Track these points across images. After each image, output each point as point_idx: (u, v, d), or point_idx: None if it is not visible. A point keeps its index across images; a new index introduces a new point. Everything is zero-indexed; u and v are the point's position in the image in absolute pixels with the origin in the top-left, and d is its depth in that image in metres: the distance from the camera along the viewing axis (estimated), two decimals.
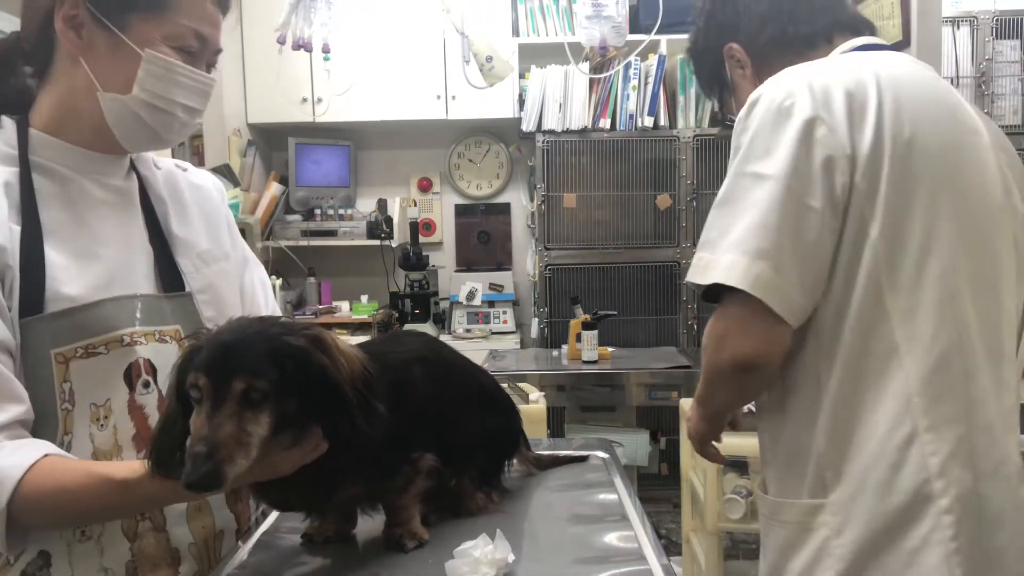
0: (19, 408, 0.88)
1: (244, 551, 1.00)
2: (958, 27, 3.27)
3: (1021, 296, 1.04)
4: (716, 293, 0.98)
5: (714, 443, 1.17)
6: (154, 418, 0.97)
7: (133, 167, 1.07)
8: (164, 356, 0.98)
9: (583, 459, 1.30)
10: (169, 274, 1.03)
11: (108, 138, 0.98)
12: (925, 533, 0.93)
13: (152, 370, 0.98)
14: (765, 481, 1.10)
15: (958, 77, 3.28)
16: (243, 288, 1.16)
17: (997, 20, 3.26)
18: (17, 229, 0.91)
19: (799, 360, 1.01)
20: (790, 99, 0.97)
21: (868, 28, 1.16)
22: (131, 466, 0.87)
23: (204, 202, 1.14)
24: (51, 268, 0.91)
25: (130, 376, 0.96)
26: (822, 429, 0.99)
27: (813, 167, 0.94)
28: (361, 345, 0.97)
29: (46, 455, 0.86)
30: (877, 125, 0.95)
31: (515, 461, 1.20)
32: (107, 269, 0.97)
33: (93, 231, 0.98)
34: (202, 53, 0.99)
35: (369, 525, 1.01)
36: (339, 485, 0.91)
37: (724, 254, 0.96)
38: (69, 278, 0.92)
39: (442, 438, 1.01)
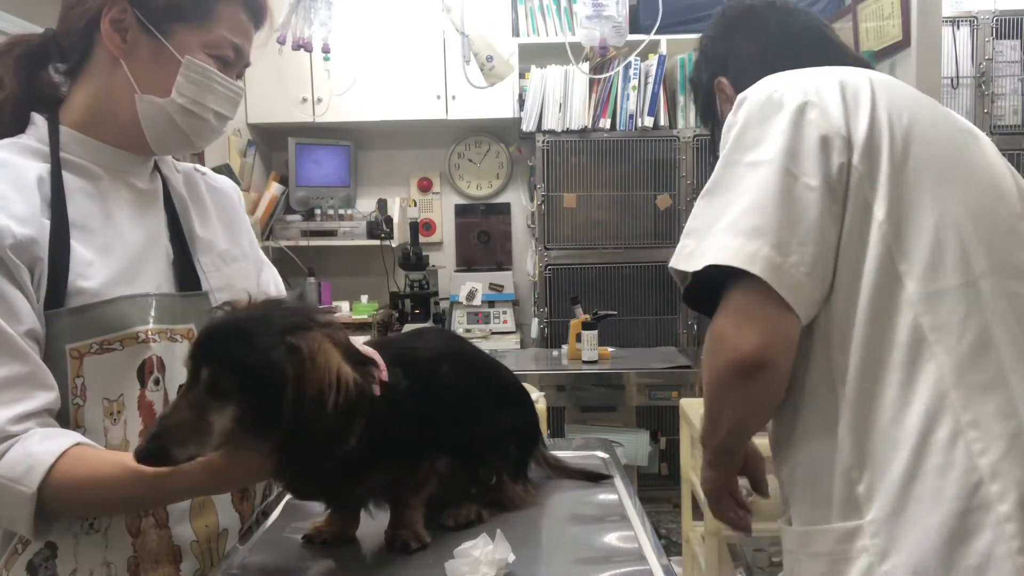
0: (50, 396, 0.90)
1: (245, 551, 1.01)
2: (958, 27, 3.28)
3: None
4: (701, 298, 0.92)
5: (738, 509, 1.06)
6: None
7: (156, 168, 1.09)
8: (174, 354, 1.00)
9: (604, 477, 1.22)
10: (186, 274, 1.06)
11: (138, 139, 1.02)
12: (987, 547, 0.80)
13: (162, 368, 0.99)
14: (789, 515, 0.98)
15: (958, 77, 3.28)
16: (258, 288, 1.19)
17: (997, 20, 3.26)
18: (47, 224, 0.93)
19: (809, 364, 0.91)
20: (778, 92, 0.93)
21: (860, 65, 1.11)
22: None
23: (223, 204, 1.17)
24: (75, 263, 0.94)
25: (143, 373, 0.98)
26: (845, 438, 0.87)
27: (807, 146, 0.89)
28: (384, 342, 1.00)
29: (77, 443, 0.88)
30: (872, 111, 0.91)
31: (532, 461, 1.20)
32: (128, 266, 0.99)
33: (118, 228, 1.00)
34: (235, 64, 1.04)
35: (370, 526, 1.02)
36: (362, 477, 0.92)
37: (714, 239, 0.89)
38: (91, 273, 0.95)
39: (474, 434, 1.03)
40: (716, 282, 0.90)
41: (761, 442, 1.08)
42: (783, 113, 0.91)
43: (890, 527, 0.83)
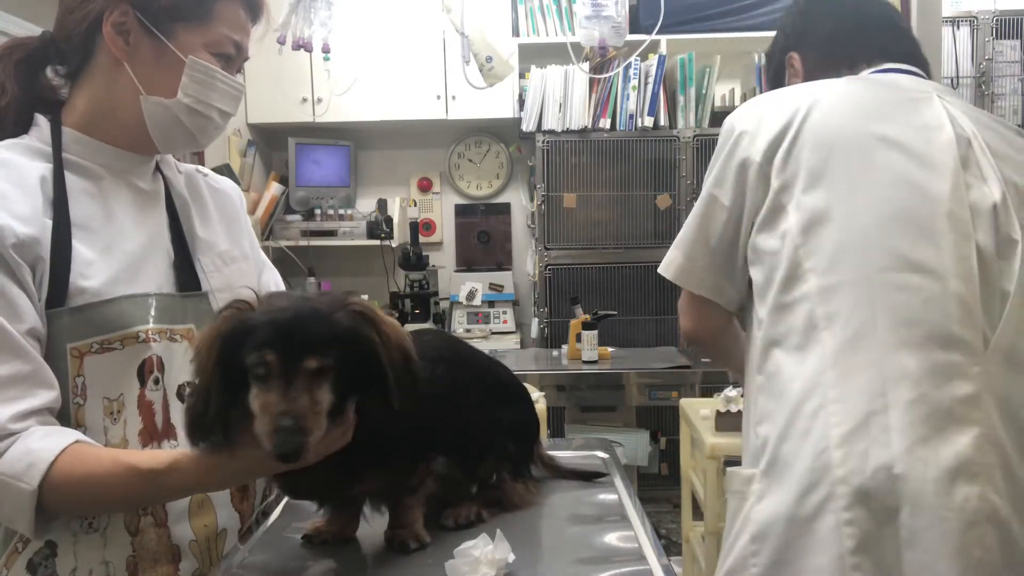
0: (50, 394, 0.90)
1: (245, 550, 1.01)
2: (958, 27, 3.28)
3: (996, 286, 1.00)
4: None
5: None
6: (160, 415, 0.99)
7: (158, 169, 1.10)
8: (173, 354, 1.01)
9: (599, 476, 1.24)
10: (187, 274, 1.06)
11: (141, 139, 1.02)
12: (819, 502, 0.94)
13: (162, 367, 0.99)
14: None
15: (958, 77, 3.29)
16: (260, 288, 1.18)
17: (997, 20, 3.27)
18: (49, 223, 0.93)
19: (750, 340, 1.11)
20: (735, 121, 1.14)
21: (911, 58, 1.20)
22: (157, 456, 0.89)
23: (224, 205, 1.17)
24: (76, 263, 0.94)
25: (143, 372, 0.98)
26: (756, 403, 1.06)
27: (728, 171, 1.12)
28: None
29: (76, 441, 0.88)
30: (796, 136, 1.06)
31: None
32: (128, 266, 0.99)
33: (119, 228, 1.00)
34: (236, 60, 1.04)
35: (370, 526, 1.02)
36: (358, 477, 0.92)
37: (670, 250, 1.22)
38: (92, 273, 0.95)
39: (471, 433, 1.03)
40: None
41: None
42: (728, 142, 1.13)
43: (767, 477, 1.01)
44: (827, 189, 1.03)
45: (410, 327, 3.59)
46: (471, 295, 3.84)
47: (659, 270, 1.21)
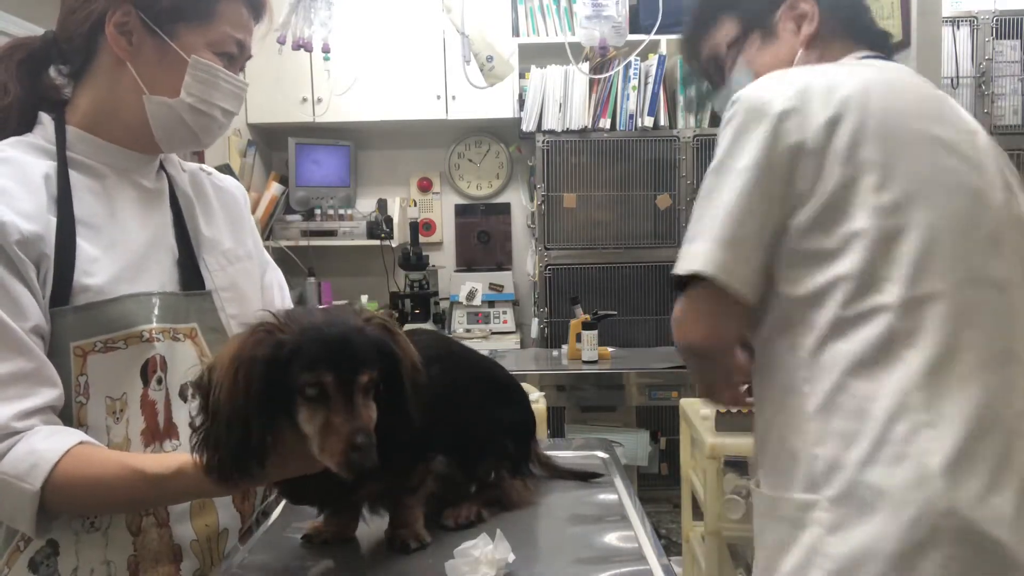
0: (53, 392, 0.90)
1: (245, 550, 1.01)
2: (958, 27, 3.27)
3: None
4: (686, 283, 1.00)
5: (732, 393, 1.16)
6: (163, 414, 0.99)
7: (162, 167, 1.10)
8: (176, 353, 1.01)
9: (595, 476, 1.24)
10: (190, 272, 1.06)
11: (145, 138, 1.03)
12: (923, 537, 0.85)
13: (164, 367, 0.99)
14: (759, 477, 1.05)
15: (958, 77, 3.28)
16: (262, 288, 1.19)
17: (997, 20, 3.26)
18: (53, 220, 0.93)
19: (790, 350, 0.97)
20: (768, 94, 0.98)
21: (886, 47, 1.17)
22: (162, 460, 0.89)
23: (228, 203, 1.18)
24: (80, 260, 0.94)
25: (146, 372, 0.98)
26: (814, 417, 0.94)
27: (777, 156, 0.95)
28: None
29: (80, 442, 0.88)
30: (860, 123, 0.94)
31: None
32: (132, 264, 0.99)
33: (123, 226, 1.01)
34: (239, 59, 1.05)
35: (370, 526, 1.02)
36: (359, 482, 0.91)
37: (691, 244, 0.98)
38: (96, 270, 0.95)
39: (469, 433, 1.04)
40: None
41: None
42: (766, 120, 0.96)
43: (842, 506, 0.90)
44: (900, 192, 0.93)
45: (408, 327, 3.58)
46: (471, 295, 3.84)
47: (684, 266, 0.98)
